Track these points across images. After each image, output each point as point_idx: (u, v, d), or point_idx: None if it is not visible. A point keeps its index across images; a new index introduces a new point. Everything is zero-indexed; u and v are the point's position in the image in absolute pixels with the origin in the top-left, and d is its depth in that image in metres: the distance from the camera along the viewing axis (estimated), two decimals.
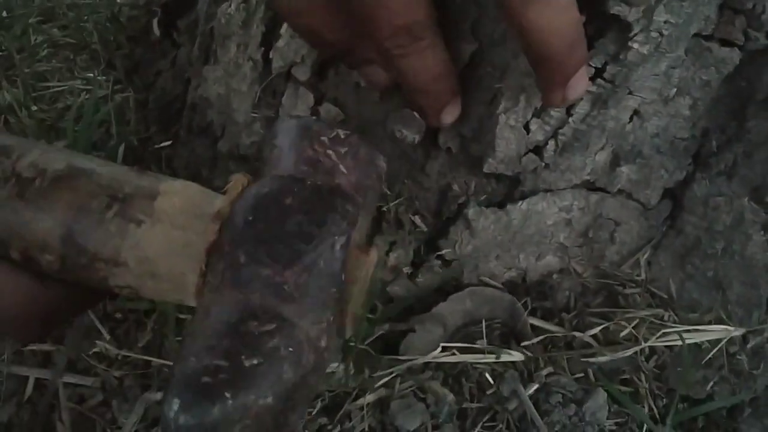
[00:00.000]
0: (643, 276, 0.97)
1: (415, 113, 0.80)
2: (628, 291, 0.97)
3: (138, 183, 0.54)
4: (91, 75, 1.15)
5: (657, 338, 0.93)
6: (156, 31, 1.06)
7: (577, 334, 0.95)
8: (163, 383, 0.88)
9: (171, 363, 0.88)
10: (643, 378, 0.94)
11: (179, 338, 0.91)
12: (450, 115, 0.79)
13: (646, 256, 0.96)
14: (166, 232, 0.53)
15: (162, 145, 1.07)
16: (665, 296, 0.96)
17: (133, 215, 0.52)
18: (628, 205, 0.91)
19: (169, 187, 0.55)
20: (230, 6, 0.90)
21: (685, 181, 0.91)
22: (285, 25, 0.84)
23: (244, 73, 0.89)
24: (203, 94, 0.96)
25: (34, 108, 1.11)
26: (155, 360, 0.89)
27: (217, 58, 0.94)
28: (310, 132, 0.59)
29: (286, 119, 0.62)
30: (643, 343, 0.93)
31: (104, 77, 1.16)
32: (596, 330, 0.94)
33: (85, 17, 1.17)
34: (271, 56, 0.86)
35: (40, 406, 0.85)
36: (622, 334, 0.94)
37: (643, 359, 0.95)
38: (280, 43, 0.85)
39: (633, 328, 0.94)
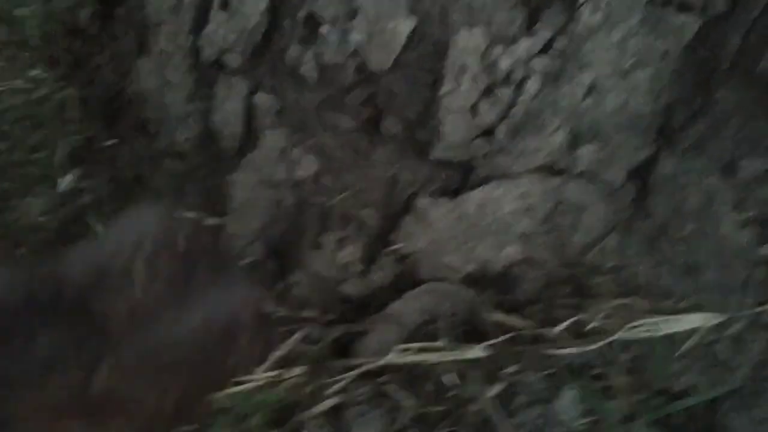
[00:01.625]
0: (611, 263, 0.91)
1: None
2: (596, 280, 0.91)
3: None
4: (34, 73, 1.10)
5: (629, 329, 0.87)
6: (82, 23, 1.00)
7: (544, 329, 0.89)
8: None
9: None
10: (616, 372, 0.88)
11: None
12: None
13: (613, 242, 0.91)
14: None
15: (106, 144, 1.02)
16: (636, 284, 0.90)
17: None
18: (591, 188, 0.86)
19: None
20: None
21: (650, 159, 0.85)
22: (215, 8, 0.79)
23: (176, 63, 0.84)
24: (138, 88, 0.91)
25: None
26: None
27: (149, 49, 0.89)
28: (146, 231, 0.51)
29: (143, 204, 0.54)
30: (614, 335, 0.87)
31: (46, 75, 1.11)
32: (564, 325, 0.88)
33: (17, 11, 1.11)
34: (200, 44, 0.80)
35: None
36: (591, 326, 0.88)
37: (617, 352, 0.89)
38: (209, 29, 0.79)
39: (603, 319, 0.89)
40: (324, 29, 0.73)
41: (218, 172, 0.87)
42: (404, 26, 0.72)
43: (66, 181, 0.97)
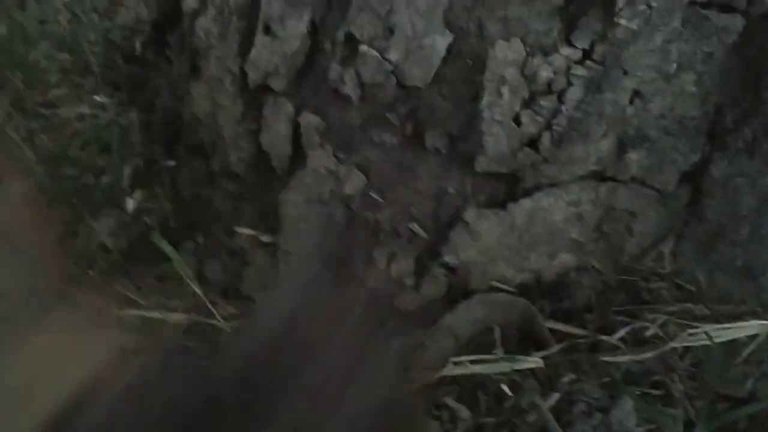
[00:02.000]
0: (667, 269, 0.89)
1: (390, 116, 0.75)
2: (652, 286, 0.90)
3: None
4: (98, 99, 1.16)
5: (687, 336, 0.85)
6: (138, 50, 1.05)
7: (602, 336, 0.88)
8: None
9: None
10: (676, 379, 0.86)
11: None
12: None
13: (669, 247, 0.89)
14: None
15: (167, 165, 1.06)
16: (693, 289, 0.88)
17: None
18: (642, 193, 0.84)
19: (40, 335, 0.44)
20: (206, 18, 0.87)
21: (702, 163, 0.83)
22: (258, 33, 0.81)
23: (226, 87, 0.86)
24: (192, 111, 0.94)
25: (45, 137, 1.12)
26: None
27: (201, 74, 0.92)
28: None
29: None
30: (672, 341, 0.85)
31: (110, 100, 1.16)
32: (621, 332, 0.87)
33: (76, 37, 1.17)
34: (246, 68, 0.82)
35: None
36: (649, 332, 0.87)
37: (676, 358, 0.87)
38: (253, 54, 0.81)
39: (661, 326, 0.87)
40: (363, 48, 0.75)
41: (271, 191, 0.90)
42: (441, 42, 0.72)
43: (131, 203, 1.02)
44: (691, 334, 0.85)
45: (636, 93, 0.75)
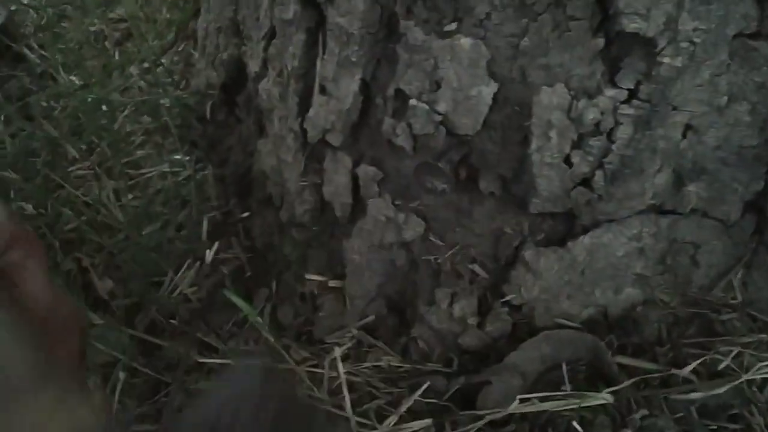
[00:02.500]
0: (738, 299, 0.87)
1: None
2: (724, 317, 0.87)
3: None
4: (178, 157, 1.23)
5: (764, 367, 0.83)
6: (208, 114, 1.11)
7: (673, 370, 0.86)
8: None
9: None
10: (755, 412, 0.84)
11: None
12: None
13: (738, 276, 0.86)
14: None
15: (241, 217, 1.11)
16: (767, 319, 0.85)
17: None
18: (705, 224, 0.83)
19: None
20: (268, 81, 0.92)
21: (764, 191, 0.81)
22: (315, 94, 0.85)
23: (289, 144, 0.91)
24: (260, 166, 0.99)
25: (130, 196, 1.20)
26: None
27: (266, 132, 0.97)
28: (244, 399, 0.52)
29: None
30: (747, 373, 0.83)
31: (188, 158, 1.23)
32: (693, 365, 0.85)
33: (159, 105, 1.26)
34: (305, 126, 0.87)
35: None
36: (722, 365, 0.85)
37: (753, 390, 0.85)
38: (311, 113, 0.85)
39: (734, 357, 0.85)
40: (412, 102, 0.77)
41: (335, 239, 0.93)
42: (487, 91, 0.74)
43: (209, 254, 1.07)
44: (767, 365, 0.83)
45: (688, 127, 0.75)
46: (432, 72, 0.76)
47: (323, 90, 0.84)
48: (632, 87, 0.71)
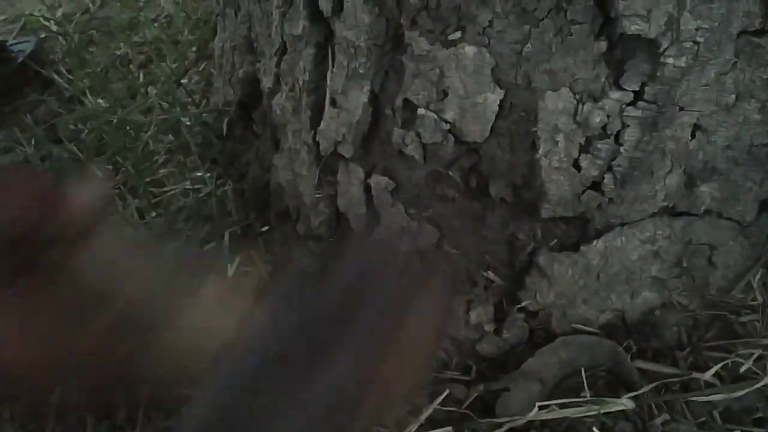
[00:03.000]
0: (758, 299, 0.86)
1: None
2: (744, 318, 0.86)
3: None
4: (199, 174, 1.26)
5: None
6: (225, 128, 1.13)
7: (694, 374, 0.85)
8: None
9: None
10: None
11: None
12: None
13: (758, 277, 0.85)
14: None
15: (261, 230, 1.13)
16: None
17: None
18: (720, 225, 0.82)
19: None
20: (281, 96, 0.94)
21: None
22: (326, 107, 0.87)
23: (303, 157, 0.92)
24: (277, 180, 1.01)
25: (153, 214, 1.23)
26: None
27: (281, 146, 0.99)
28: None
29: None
30: None
31: (209, 174, 1.26)
32: (715, 368, 0.84)
33: (177, 119, 1.29)
34: (318, 139, 0.88)
35: None
36: (744, 368, 0.83)
37: None
38: (322, 125, 0.87)
39: (756, 360, 0.83)
40: (420, 111, 0.78)
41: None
42: (492, 98, 0.75)
43: (233, 268, 1.09)
44: None
45: (697, 127, 0.74)
46: (438, 81, 0.76)
47: (333, 102, 0.85)
48: (637, 89, 0.71)
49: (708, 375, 0.84)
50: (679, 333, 0.88)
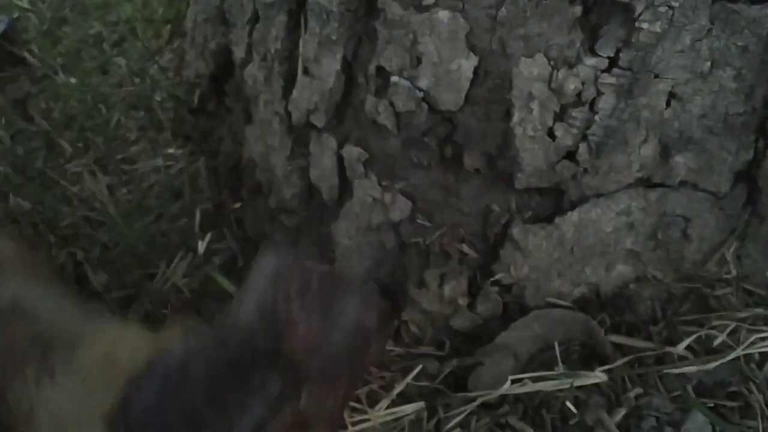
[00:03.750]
0: (733, 273, 0.85)
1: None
2: (719, 292, 0.86)
3: (70, 329, 0.54)
4: (171, 151, 1.24)
5: (761, 342, 0.81)
6: (195, 101, 1.12)
7: (668, 348, 0.85)
8: None
9: None
10: (753, 389, 0.82)
11: None
12: None
13: (732, 250, 0.85)
14: (76, 390, 0.51)
15: (233, 207, 1.12)
16: (763, 292, 0.84)
17: (51, 367, 0.51)
18: (695, 197, 0.81)
19: (99, 336, 0.54)
20: (253, 66, 0.92)
21: (755, 160, 0.80)
22: (299, 75, 0.85)
23: (275, 128, 0.91)
24: (248, 154, 0.99)
25: (124, 190, 1.21)
26: None
27: (253, 118, 0.97)
28: (281, 276, 0.59)
29: (268, 251, 0.62)
30: (745, 349, 0.81)
31: (181, 151, 1.24)
32: (688, 341, 0.84)
33: (149, 96, 1.27)
34: (290, 109, 0.86)
35: None
36: (718, 341, 0.83)
37: (752, 367, 0.83)
38: (294, 94, 0.85)
39: (730, 333, 0.83)
40: (394, 79, 0.77)
41: (324, 223, 0.93)
42: (467, 65, 0.74)
43: (202, 245, 1.07)
44: (764, 339, 0.81)
45: (672, 95, 0.74)
46: (412, 47, 0.75)
47: (306, 71, 0.83)
48: (612, 55, 0.70)
49: (681, 348, 0.84)
50: (653, 307, 0.87)
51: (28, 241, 0.87)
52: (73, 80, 1.46)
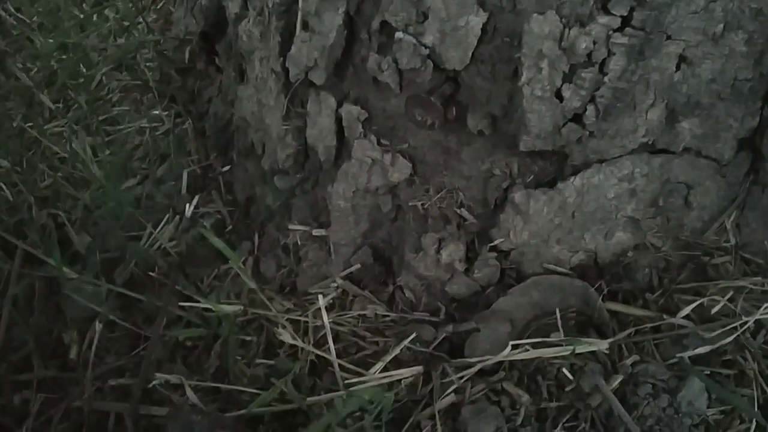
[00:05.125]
0: (732, 241, 0.85)
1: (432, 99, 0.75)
2: (717, 260, 0.86)
3: None
4: (156, 112, 1.20)
5: (760, 311, 0.81)
6: (186, 59, 1.08)
7: (665, 316, 0.85)
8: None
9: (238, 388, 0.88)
10: (749, 357, 0.82)
11: (245, 361, 0.90)
12: None
13: (732, 218, 0.85)
14: None
15: (221, 170, 1.09)
16: (761, 261, 0.84)
17: None
18: (698, 163, 0.81)
19: None
20: (249, 22, 0.89)
21: (759, 127, 0.79)
22: (298, 30, 0.82)
23: (270, 86, 0.88)
24: (241, 114, 0.96)
25: (107, 152, 1.17)
26: (223, 386, 0.89)
27: (247, 77, 0.94)
28: None
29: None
30: (742, 318, 0.81)
31: (166, 112, 1.20)
32: (688, 309, 0.83)
33: (133, 55, 1.22)
34: (287, 65, 0.84)
35: None
36: (715, 309, 0.83)
37: (748, 336, 0.83)
38: (293, 50, 0.83)
39: (729, 302, 0.83)
40: (398, 35, 0.75)
41: (320, 185, 0.91)
42: (476, 21, 0.72)
43: (189, 208, 1.04)
44: (760, 308, 0.81)
45: (682, 58, 0.73)
46: (418, 2, 0.73)
47: (306, 26, 0.81)
48: (625, 14, 0.68)
49: (679, 318, 0.84)
50: (651, 275, 0.87)
51: None
52: (52, 41, 1.41)
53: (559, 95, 0.74)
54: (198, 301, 0.92)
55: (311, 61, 0.81)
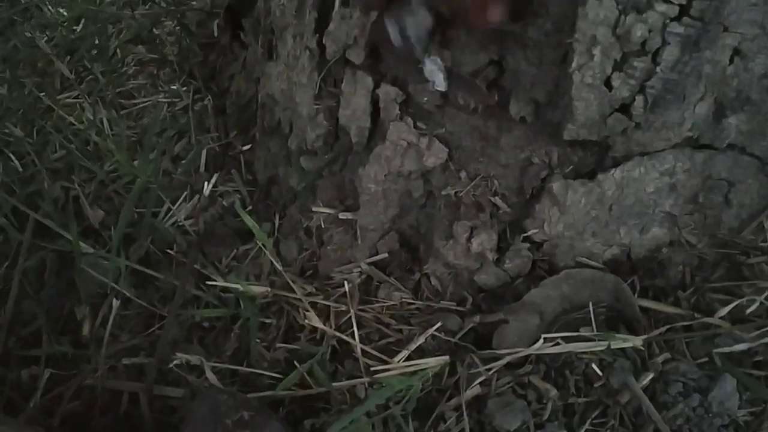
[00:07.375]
0: None
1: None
2: (752, 260, 0.84)
3: None
4: (174, 87, 1.17)
5: None
6: (215, 32, 1.05)
7: (698, 315, 0.83)
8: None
9: (259, 371, 0.86)
10: None
11: (264, 344, 0.88)
12: (497, 12, 0.68)
13: None
14: None
15: (242, 149, 1.06)
16: None
17: None
18: (741, 161, 0.79)
19: None
20: None
21: None
22: (336, 7, 0.80)
23: (303, 64, 0.85)
24: (269, 91, 0.94)
25: (123, 125, 1.14)
26: (242, 369, 0.86)
27: (277, 53, 0.91)
28: (216, 414, 0.68)
29: (199, 395, 0.70)
30: None
31: (185, 88, 1.17)
32: (726, 310, 0.82)
33: (150, 28, 1.19)
34: (324, 42, 0.81)
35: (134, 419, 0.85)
36: (749, 310, 0.82)
37: None
38: (331, 27, 0.80)
39: (763, 302, 0.82)
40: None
41: (349, 167, 0.88)
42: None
43: (208, 187, 1.02)
44: None
45: (736, 51, 0.71)
46: None
47: (345, 1, 0.78)
48: (684, 2, 0.67)
49: (716, 318, 0.82)
50: (684, 272, 0.86)
51: None
52: (63, 11, 1.37)
53: (608, 84, 0.72)
54: (219, 281, 0.89)
55: (351, 38, 0.79)
